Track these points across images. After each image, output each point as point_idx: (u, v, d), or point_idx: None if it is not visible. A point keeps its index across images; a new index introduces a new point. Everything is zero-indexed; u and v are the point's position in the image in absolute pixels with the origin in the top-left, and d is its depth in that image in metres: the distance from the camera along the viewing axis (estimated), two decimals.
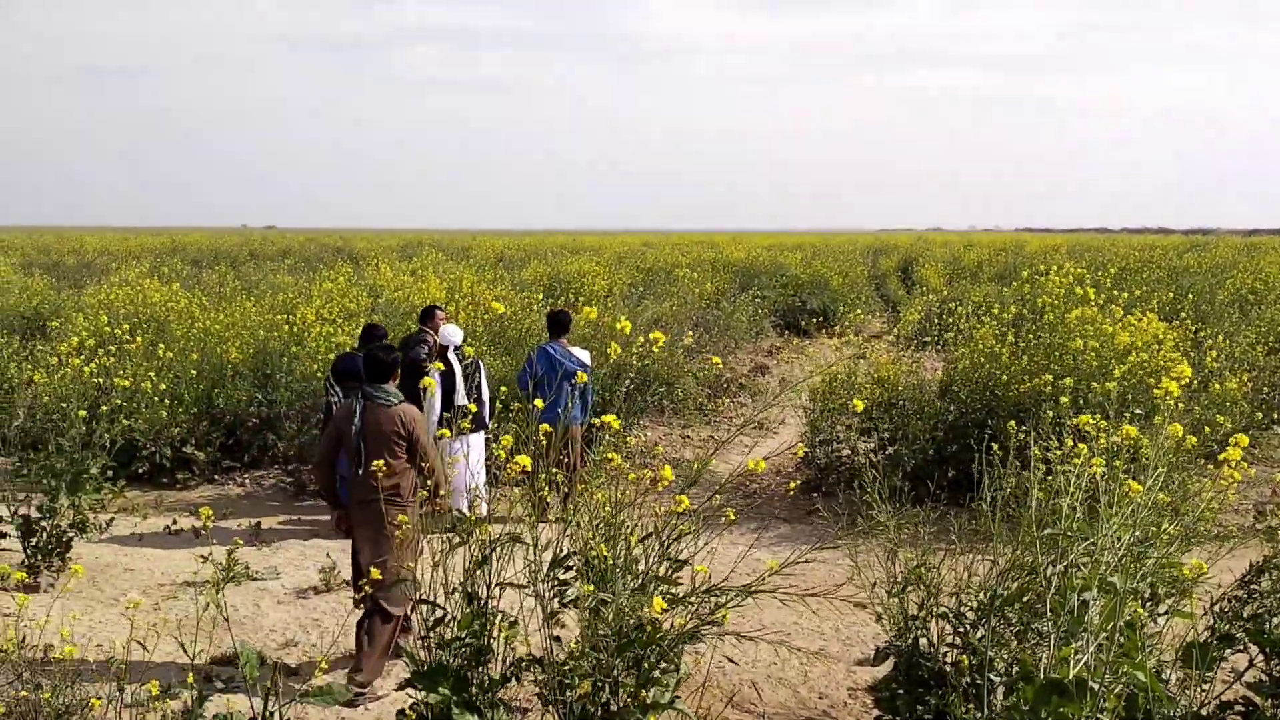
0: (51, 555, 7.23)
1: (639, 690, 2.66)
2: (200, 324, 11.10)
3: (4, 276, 17.06)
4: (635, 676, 2.67)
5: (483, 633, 2.94)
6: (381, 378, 5.68)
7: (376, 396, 5.58)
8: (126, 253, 31.56)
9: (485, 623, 2.97)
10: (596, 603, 2.67)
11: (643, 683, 2.67)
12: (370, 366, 5.73)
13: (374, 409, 5.55)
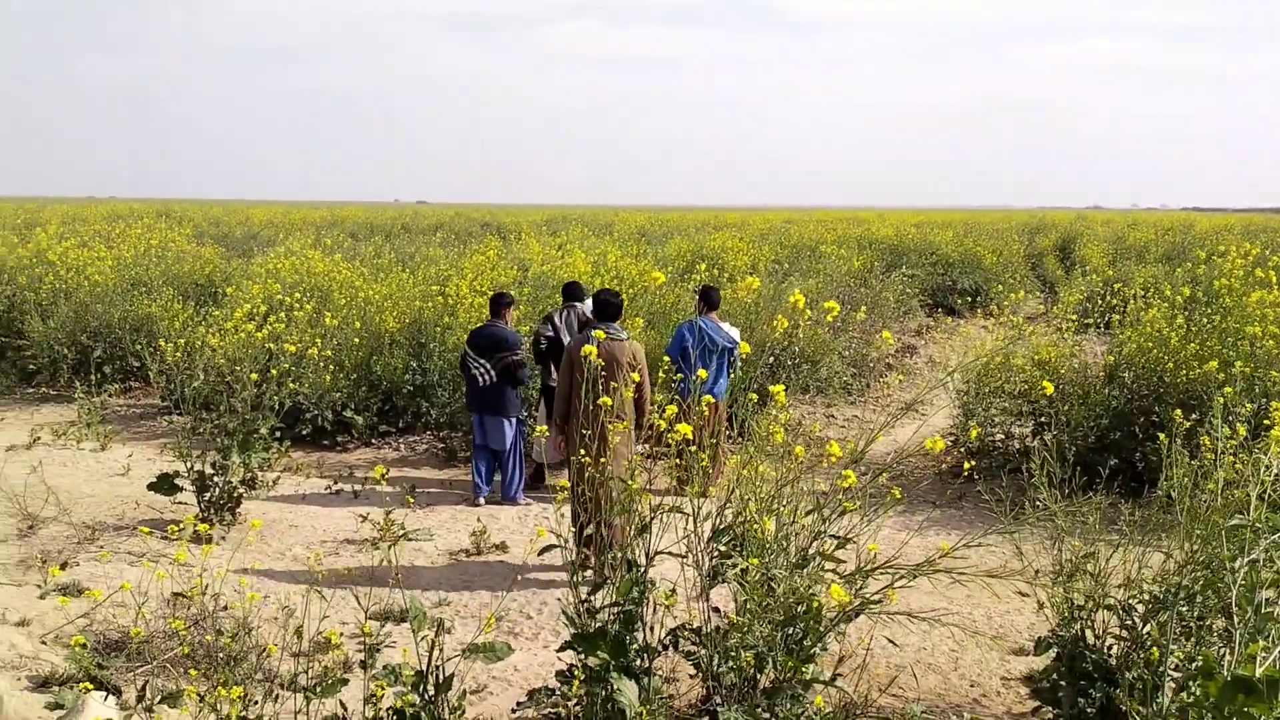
0: (223, 510, 7.65)
1: (799, 666, 2.62)
2: (361, 294, 11.51)
3: (179, 246, 18.04)
4: (796, 652, 2.63)
5: (641, 600, 2.96)
6: (611, 317, 6.94)
7: (611, 333, 6.75)
8: (290, 225, 33.00)
9: (643, 590, 2.99)
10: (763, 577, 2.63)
11: (804, 659, 2.63)
12: (601, 307, 6.97)
13: (610, 343, 6.67)
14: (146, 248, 16.46)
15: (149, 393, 12.63)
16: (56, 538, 7.04)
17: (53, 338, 12.45)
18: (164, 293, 13.01)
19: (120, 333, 12.50)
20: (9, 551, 6.72)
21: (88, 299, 12.82)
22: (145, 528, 7.24)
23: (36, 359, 12.59)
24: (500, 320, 8.80)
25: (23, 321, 12.94)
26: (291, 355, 8.31)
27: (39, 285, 13.28)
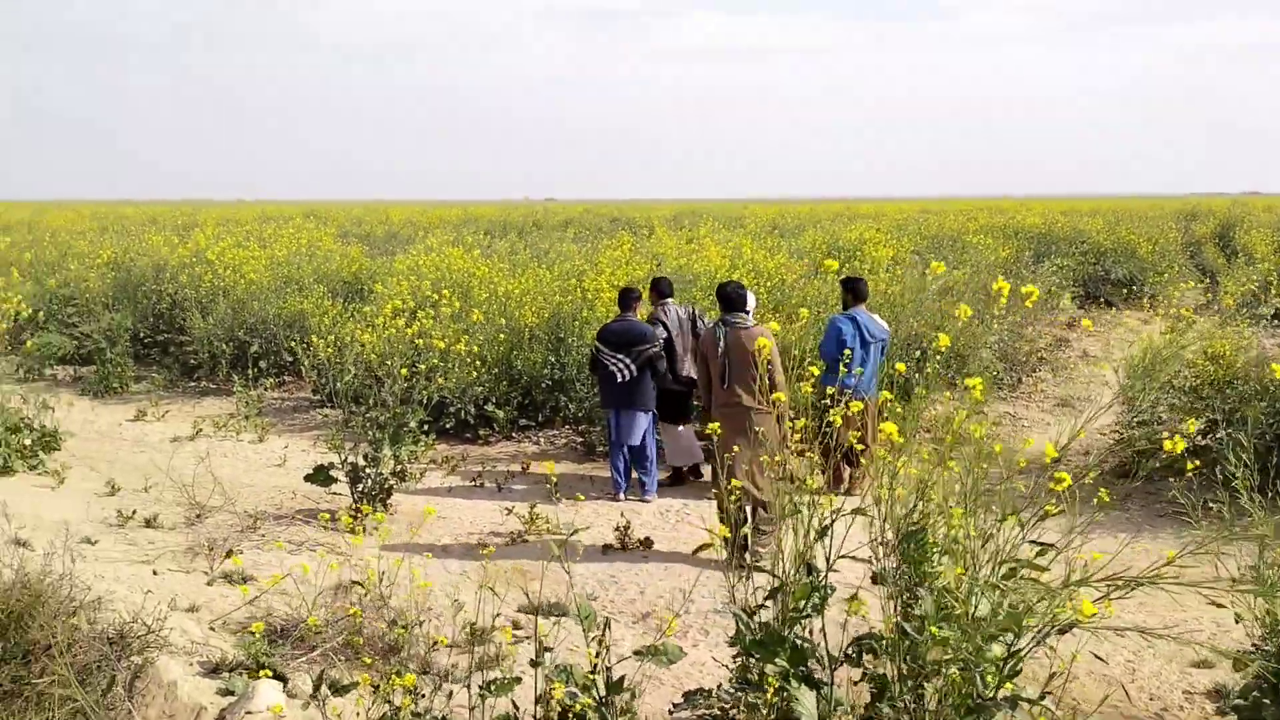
0: (375, 501, 7.81)
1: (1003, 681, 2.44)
2: (500, 289, 11.65)
3: (326, 245, 18.66)
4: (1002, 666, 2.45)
5: (823, 605, 2.82)
6: (736, 307, 7.11)
7: (735, 322, 7.01)
8: (427, 223, 33.86)
9: (825, 596, 2.85)
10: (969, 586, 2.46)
11: (1010, 674, 2.45)
12: (726, 299, 7.16)
13: (735, 332, 6.93)
14: (296, 247, 17.08)
15: (301, 386, 13.08)
16: (221, 526, 7.32)
17: (212, 334, 13.02)
18: (314, 290, 13.46)
19: (275, 329, 12.99)
20: (178, 539, 7.01)
21: (244, 296, 13.36)
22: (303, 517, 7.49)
23: (197, 354, 13.18)
24: (630, 314, 8.77)
25: (184, 318, 13.57)
26: (438, 350, 8.44)
27: (199, 284, 13.91)
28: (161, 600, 5.59)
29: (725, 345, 6.94)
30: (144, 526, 7.22)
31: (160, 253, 15.69)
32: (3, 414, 8.60)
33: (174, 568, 6.38)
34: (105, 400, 12.61)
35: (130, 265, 15.39)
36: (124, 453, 9.93)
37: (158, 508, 7.62)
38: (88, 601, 4.21)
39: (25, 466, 8.48)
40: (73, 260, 15.88)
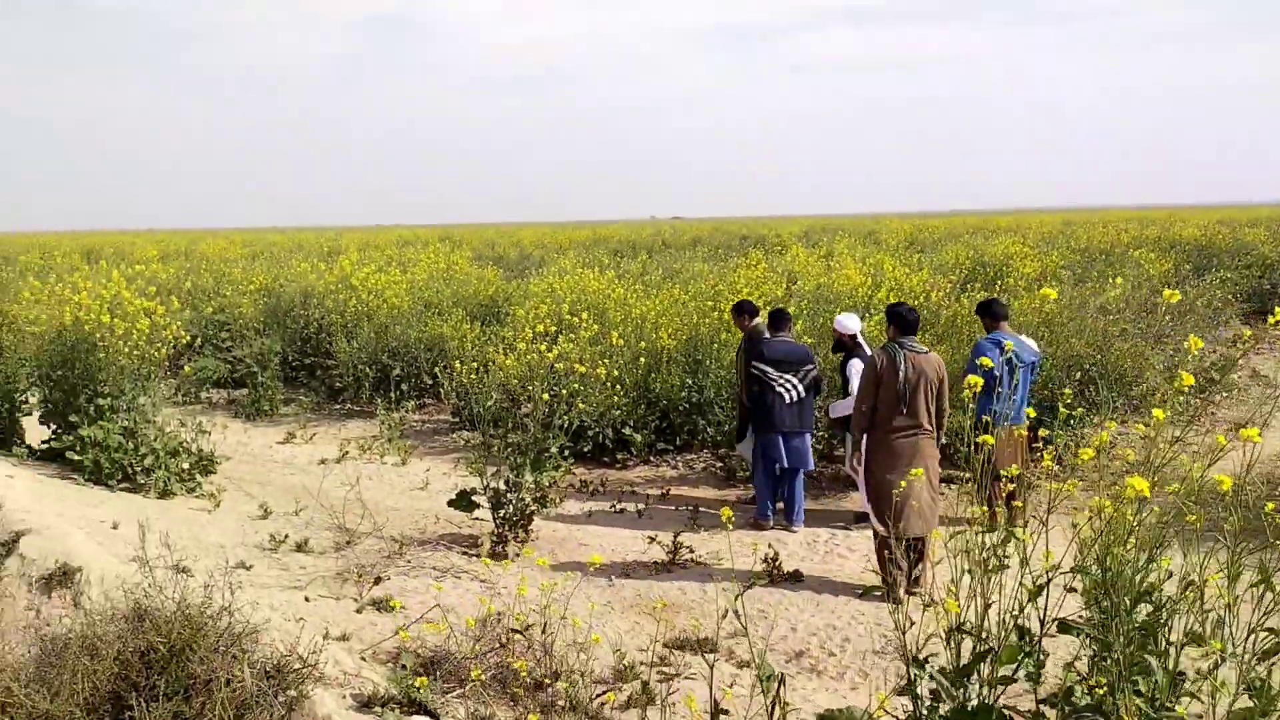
0: (516, 526, 7.76)
1: None
2: (635, 310, 11.55)
3: (462, 269, 18.97)
4: None
5: (1038, 675, 2.55)
6: (912, 331, 6.94)
7: (913, 347, 6.83)
8: (556, 245, 34.29)
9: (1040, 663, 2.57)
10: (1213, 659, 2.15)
11: None
12: (900, 322, 6.94)
13: (915, 357, 6.76)
14: (434, 271, 17.41)
15: (441, 409, 13.25)
16: (368, 551, 7.37)
17: (356, 357, 13.33)
18: (453, 313, 13.64)
19: (416, 352, 13.21)
20: (328, 564, 7.08)
21: (386, 320, 13.65)
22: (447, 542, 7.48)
23: (342, 377, 13.51)
24: (787, 334, 8.56)
25: (330, 342, 13.94)
26: (579, 374, 8.36)
27: (344, 308, 14.27)
28: (314, 629, 5.62)
29: (907, 371, 6.69)
30: (295, 551, 7.32)
31: (308, 279, 16.20)
32: (163, 438, 8.90)
33: (324, 594, 6.43)
34: (256, 422, 13.02)
35: (280, 291, 15.92)
36: (275, 475, 10.19)
37: (308, 532, 7.74)
38: (245, 633, 4.20)
39: (183, 490, 8.75)
40: (227, 287, 16.54)
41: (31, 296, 9.90)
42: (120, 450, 8.50)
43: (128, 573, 5.95)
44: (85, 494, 8.00)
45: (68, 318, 8.96)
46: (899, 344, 6.81)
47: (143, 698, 3.65)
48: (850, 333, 8.50)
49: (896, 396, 6.68)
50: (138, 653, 3.81)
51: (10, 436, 9.47)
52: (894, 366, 6.71)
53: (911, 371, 6.67)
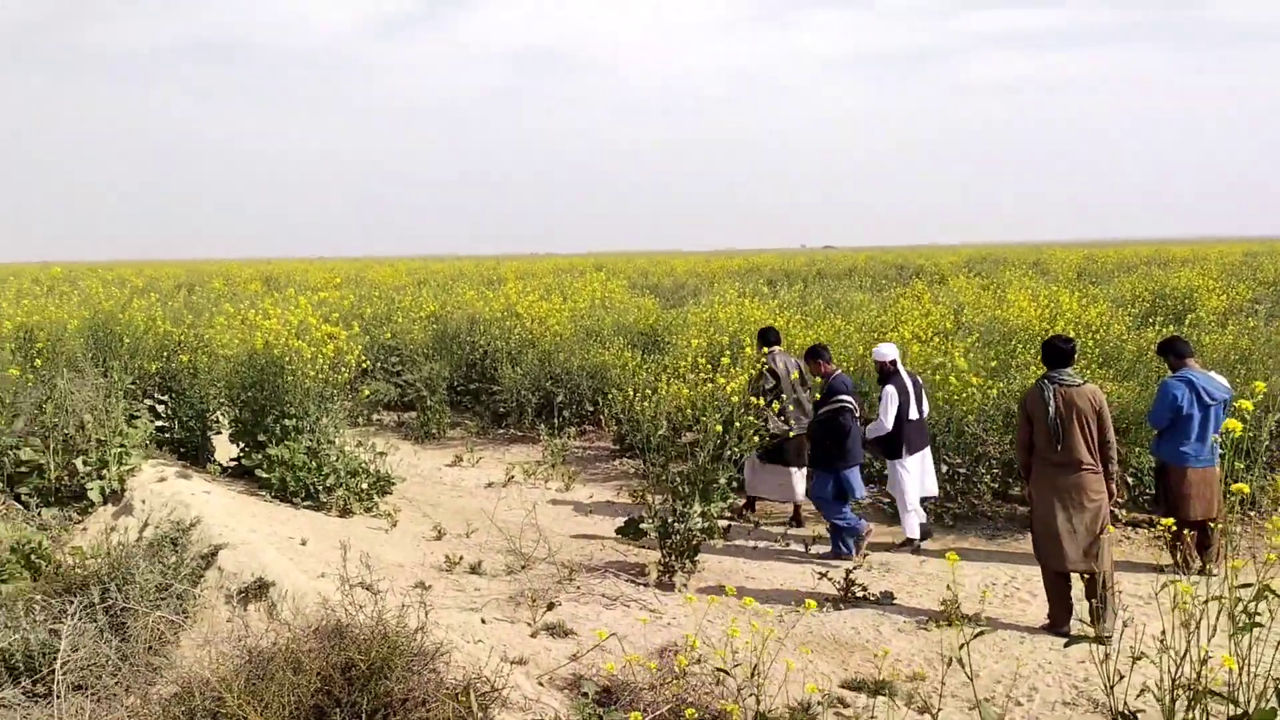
0: (683, 556, 7.72)
1: None
2: (799, 341, 11.40)
3: (619, 298, 19.19)
4: None
5: None
6: (1063, 363, 6.68)
7: (1065, 380, 6.60)
8: (710, 274, 34.35)
9: None
10: None
11: None
12: (1053, 354, 6.71)
13: (1067, 390, 6.55)
14: (593, 300, 17.67)
15: (602, 436, 13.38)
16: (539, 576, 7.44)
17: (520, 383, 13.60)
18: (614, 342, 13.78)
19: (578, 379, 13.39)
20: (500, 587, 7.19)
21: (550, 348, 13.89)
22: (614, 569, 7.50)
23: (506, 402, 13.81)
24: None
25: (495, 368, 14.28)
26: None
27: (509, 335, 14.61)
28: (491, 650, 5.70)
29: (1057, 405, 6.53)
30: (469, 573, 7.47)
31: (474, 306, 16.67)
32: (344, 459, 9.25)
33: (499, 616, 6.52)
34: (425, 445, 13.43)
35: (447, 318, 16.44)
36: (445, 497, 10.47)
37: (481, 555, 7.89)
38: (437, 654, 4.28)
39: (361, 509, 9.07)
40: (398, 314, 17.19)
41: (225, 322, 10.50)
42: (305, 469, 8.88)
43: (318, 588, 6.19)
44: (273, 510, 8.37)
45: (258, 342, 9.45)
46: (1049, 378, 6.68)
47: (345, 713, 3.75)
48: (889, 359, 8.72)
49: (1049, 432, 6.56)
50: (339, 668, 3.92)
51: (202, 454, 10.04)
52: (1042, 401, 6.59)
53: (1062, 405, 6.51)
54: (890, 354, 8.76)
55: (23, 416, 8.05)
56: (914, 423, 8.53)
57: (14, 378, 8.03)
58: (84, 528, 7.72)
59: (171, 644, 5.53)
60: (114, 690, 4.88)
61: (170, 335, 10.82)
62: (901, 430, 8.43)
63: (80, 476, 7.97)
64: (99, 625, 5.31)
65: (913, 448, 8.50)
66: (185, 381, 10.27)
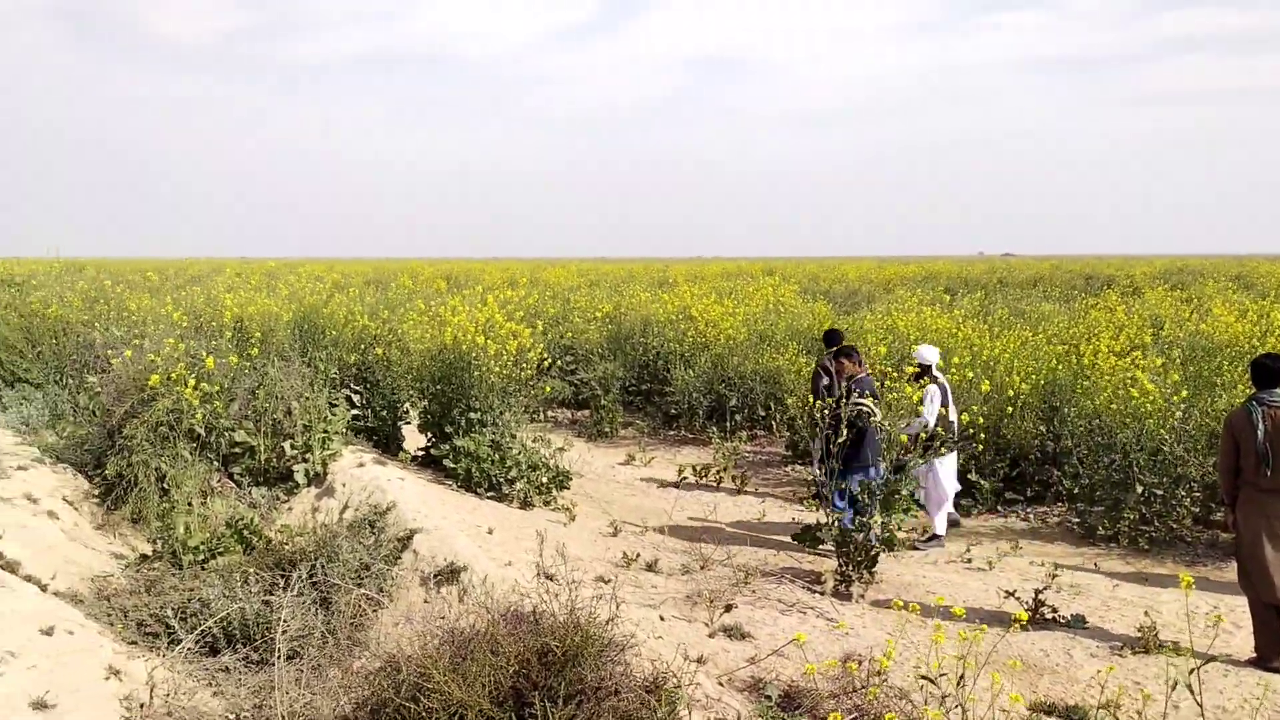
0: (861, 566, 7.60)
1: None
2: (984, 352, 11.03)
3: (790, 303, 19.03)
4: None
5: None
6: (1274, 383, 6.32)
7: (1274, 401, 6.25)
8: (883, 281, 33.66)
9: None
10: None
11: None
12: (1263, 373, 6.37)
13: (1276, 411, 6.22)
14: (765, 304, 17.60)
15: (773, 441, 13.32)
16: (715, 578, 7.49)
17: (692, 385, 13.70)
18: (788, 346, 13.69)
19: (751, 383, 13.38)
20: (676, 586, 7.27)
21: (723, 351, 13.93)
22: (789, 575, 7.46)
23: (678, 404, 13.93)
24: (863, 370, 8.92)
25: (668, 369, 14.43)
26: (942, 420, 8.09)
27: (683, 338, 14.73)
28: (671, 648, 5.77)
29: (1266, 427, 6.20)
30: (646, 570, 7.58)
31: (648, 308, 16.88)
32: (526, 452, 9.55)
33: (677, 615, 6.59)
34: (598, 443, 13.70)
35: (621, 319, 16.71)
36: (619, 494, 10.65)
37: (657, 553, 8.00)
38: (626, 646, 4.37)
39: (541, 502, 9.33)
40: (575, 314, 17.59)
41: (417, 318, 11.00)
42: (489, 461, 9.20)
43: (505, 575, 6.42)
44: (460, 499, 8.72)
45: (448, 338, 9.85)
46: (1257, 399, 6.35)
47: (541, 696, 3.88)
48: (928, 363, 8.96)
49: (1257, 456, 6.24)
50: (535, 653, 4.05)
51: (392, 442, 10.54)
52: (1250, 423, 6.29)
53: (1271, 428, 6.19)
54: (933, 357, 9.05)
55: (237, 401, 8.64)
56: (951, 424, 8.74)
57: (232, 365, 8.63)
58: (289, 507, 8.23)
59: (370, 620, 5.84)
60: (319, 661, 5.20)
61: (367, 329, 11.41)
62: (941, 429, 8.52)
63: (287, 459, 8.51)
64: (309, 599, 5.66)
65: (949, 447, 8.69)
66: (379, 373, 10.81)
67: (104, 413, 8.31)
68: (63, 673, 4.70)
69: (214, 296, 11.90)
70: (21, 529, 6.63)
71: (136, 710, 4.61)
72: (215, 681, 5.16)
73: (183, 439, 7.90)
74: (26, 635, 4.95)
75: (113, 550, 7.10)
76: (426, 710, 3.88)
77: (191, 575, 6.39)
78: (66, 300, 12.01)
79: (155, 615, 5.75)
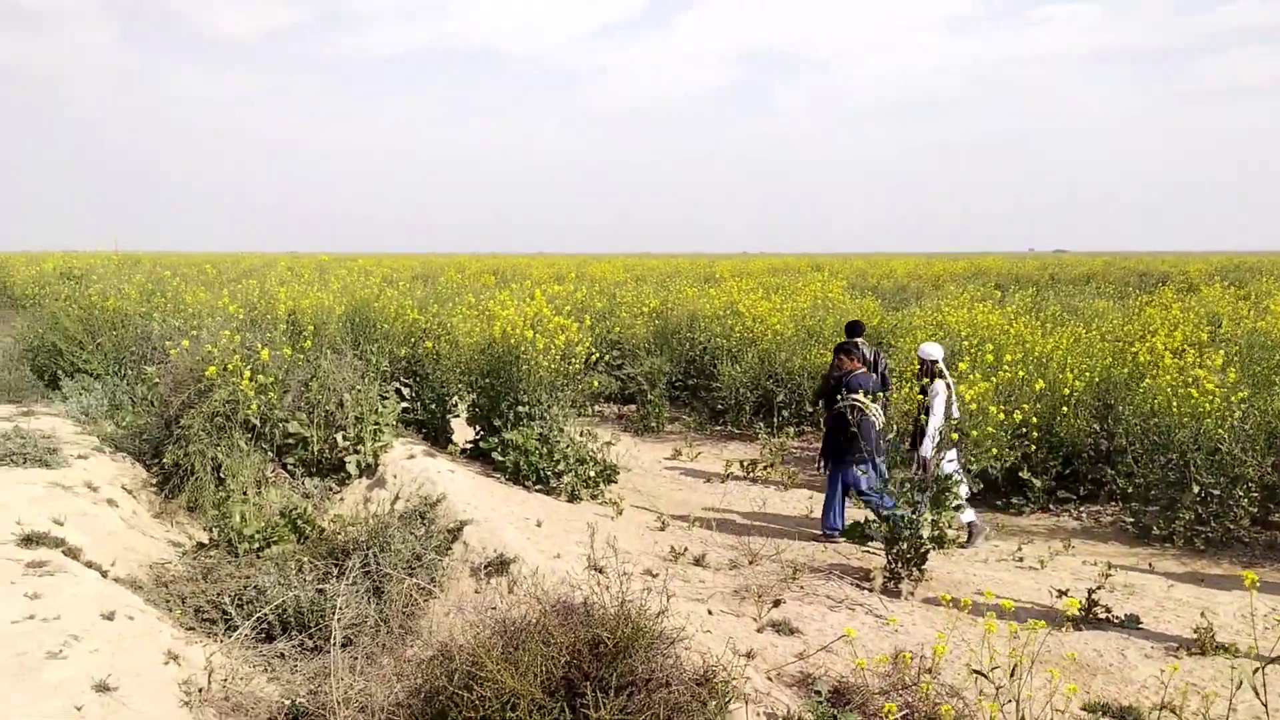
0: (910, 564, 7.54)
1: None
2: (1036, 349, 10.89)
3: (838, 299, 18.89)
4: None
5: None
6: None
7: None
8: (931, 277, 33.30)
9: None
10: None
11: None
12: None
13: None
14: (813, 300, 17.50)
15: (819, 437, 13.24)
16: (762, 573, 7.47)
17: (739, 381, 13.66)
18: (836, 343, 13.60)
19: (799, 379, 13.31)
20: (724, 580, 7.26)
21: (771, 347, 13.88)
22: (838, 572, 7.43)
23: (725, 399, 13.90)
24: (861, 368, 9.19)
25: (714, 365, 14.40)
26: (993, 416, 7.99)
27: (730, 333, 14.69)
28: (720, 642, 5.78)
29: None
30: (694, 565, 7.58)
31: (695, 303, 16.86)
32: (574, 446, 9.59)
33: (725, 609, 6.59)
34: (644, 438, 13.72)
35: (668, 314, 16.70)
36: (665, 489, 10.66)
37: (705, 548, 8.00)
38: (676, 639, 4.37)
39: (588, 495, 9.37)
40: (621, 309, 17.61)
41: (466, 312, 11.09)
42: (537, 454, 9.25)
43: (554, 567, 6.45)
44: (508, 492, 8.78)
45: (497, 332, 9.91)
46: None
47: (593, 687, 3.90)
48: (933, 359, 8.86)
49: None
50: (587, 644, 4.07)
51: (441, 435, 10.64)
52: None
53: None
54: (936, 354, 8.93)
55: (291, 393, 8.77)
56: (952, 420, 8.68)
57: (286, 357, 8.76)
58: (341, 497, 8.34)
59: (422, 610, 5.91)
60: (372, 649, 5.27)
61: (416, 323, 11.52)
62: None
63: (339, 450, 8.62)
64: (363, 588, 5.74)
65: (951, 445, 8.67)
66: (429, 366, 10.92)
67: (161, 403, 8.48)
68: (123, 657, 4.81)
69: (268, 289, 12.07)
70: (82, 516, 6.79)
71: (195, 694, 4.70)
72: (271, 667, 5.25)
73: (238, 429, 8.04)
74: (89, 619, 5.07)
75: (170, 538, 7.24)
76: (479, 699, 3.92)
77: (247, 563, 6.51)
78: (124, 293, 12.26)
79: (212, 602, 5.86)
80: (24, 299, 17.18)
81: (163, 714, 4.43)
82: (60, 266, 18.11)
